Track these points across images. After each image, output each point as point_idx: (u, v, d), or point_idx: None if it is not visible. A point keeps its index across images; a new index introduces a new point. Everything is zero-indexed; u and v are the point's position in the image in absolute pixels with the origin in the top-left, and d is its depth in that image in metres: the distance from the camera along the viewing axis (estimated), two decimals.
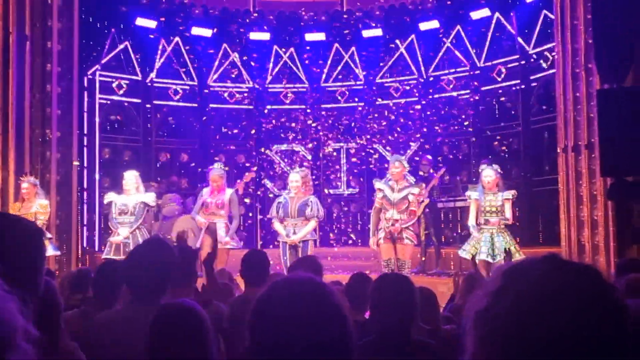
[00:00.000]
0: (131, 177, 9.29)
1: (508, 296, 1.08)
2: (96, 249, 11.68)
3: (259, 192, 13.91)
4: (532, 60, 12.19)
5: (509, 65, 12.64)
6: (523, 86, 12.37)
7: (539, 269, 1.10)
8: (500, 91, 12.88)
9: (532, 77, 12.21)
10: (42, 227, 8.63)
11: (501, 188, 8.72)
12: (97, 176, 12.41)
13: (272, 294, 1.48)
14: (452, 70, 13.49)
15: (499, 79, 12.82)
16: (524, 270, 1.12)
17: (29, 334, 1.06)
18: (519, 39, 12.33)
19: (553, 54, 10.91)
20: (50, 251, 8.98)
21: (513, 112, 12.64)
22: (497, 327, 1.07)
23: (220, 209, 9.18)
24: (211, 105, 14.15)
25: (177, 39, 13.63)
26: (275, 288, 1.49)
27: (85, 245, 11.66)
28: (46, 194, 9.30)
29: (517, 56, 12.45)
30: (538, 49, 11.99)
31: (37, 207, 8.83)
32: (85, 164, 12.12)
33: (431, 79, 13.75)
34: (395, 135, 13.96)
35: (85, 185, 12.07)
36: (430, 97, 13.74)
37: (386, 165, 13.06)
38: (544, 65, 11.83)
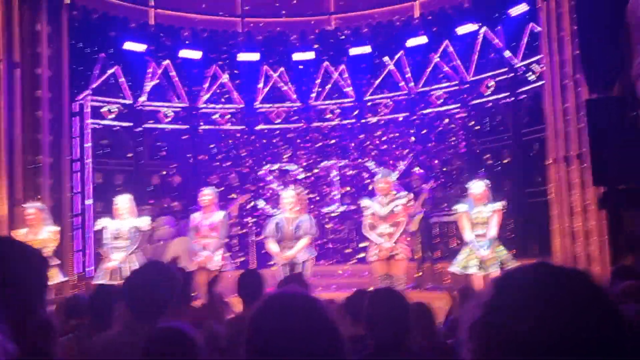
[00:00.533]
0: (124, 201, 9.23)
1: (501, 305, 1.08)
2: (90, 274, 11.60)
3: (252, 218, 13.85)
4: (520, 72, 12.27)
5: (498, 79, 12.73)
6: (512, 99, 12.44)
7: (530, 277, 1.10)
8: (489, 104, 12.95)
9: (520, 90, 12.29)
10: (51, 254, 8.59)
11: (490, 200, 8.72)
12: (89, 201, 12.37)
13: (265, 309, 1.49)
14: (441, 85, 13.57)
15: (488, 93, 12.90)
16: (516, 278, 1.12)
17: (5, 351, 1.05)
18: (507, 52, 12.42)
19: (541, 66, 11.00)
20: (60, 277, 8.96)
21: (503, 125, 12.70)
22: (492, 337, 1.06)
23: (212, 231, 9.12)
24: (202, 127, 14.18)
25: (166, 61, 13.66)
26: (268, 303, 1.50)
27: (79, 271, 11.59)
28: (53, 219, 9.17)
29: (505, 69, 12.54)
30: (526, 62, 12.08)
31: (46, 233, 8.70)
32: (77, 190, 12.07)
33: (420, 94, 13.82)
34: (387, 151, 14.00)
35: (77, 211, 12.01)
36: (420, 112, 13.81)
37: None
38: (532, 77, 11.91)
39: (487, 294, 1.13)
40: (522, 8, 11.74)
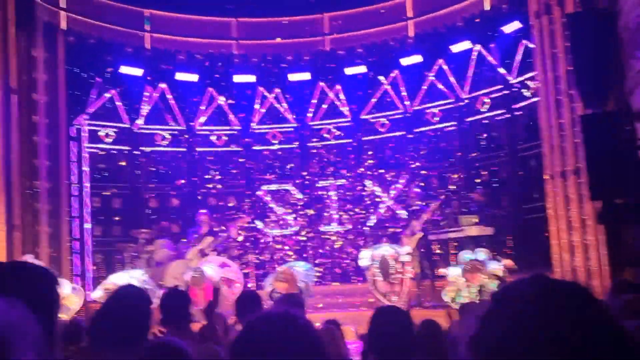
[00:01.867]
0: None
1: (498, 319, 1.09)
2: (90, 298, 11.55)
3: (251, 238, 13.84)
4: (514, 89, 12.33)
5: (493, 96, 12.78)
6: (508, 115, 12.49)
7: (527, 290, 1.11)
8: (485, 121, 12.99)
9: (515, 106, 12.34)
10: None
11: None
12: (88, 225, 12.35)
13: (249, 331, 1.49)
14: (437, 103, 13.62)
15: (484, 110, 12.95)
16: (513, 292, 1.12)
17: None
18: (501, 70, 12.49)
19: (535, 82, 11.06)
20: (80, 301, 9.06)
21: (499, 142, 12.73)
22: (490, 350, 1.07)
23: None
24: (199, 149, 14.19)
25: (163, 85, 13.72)
26: (252, 324, 1.50)
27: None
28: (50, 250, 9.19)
29: (500, 86, 12.60)
30: (520, 78, 12.15)
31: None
32: (76, 214, 12.06)
33: (416, 112, 13.86)
34: (384, 169, 14.03)
35: (77, 235, 11.99)
36: (416, 130, 13.84)
37: (377, 200, 13.16)
38: (527, 93, 11.97)
39: (485, 308, 1.13)
40: (515, 25, 11.82)
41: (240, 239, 13.26)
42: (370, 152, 14.26)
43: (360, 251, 9.40)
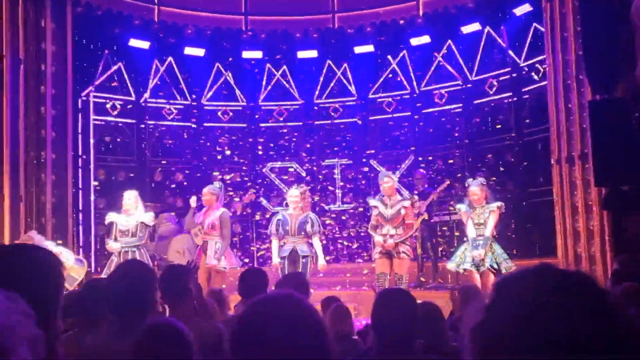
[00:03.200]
0: (131, 197, 9.26)
1: (502, 309, 1.09)
2: (92, 270, 11.63)
3: (257, 215, 13.88)
4: (523, 72, 12.26)
5: (501, 78, 12.71)
6: (515, 99, 12.43)
7: (530, 280, 1.11)
8: (492, 104, 12.94)
9: (524, 90, 12.28)
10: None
11: (490, 200, 8.76)
12: (92, 197, 12.39)
13: (250, 313, 1.48)
14: (444, 84, 13.56)
15: (491, 92, 12.89)
16: (516, 282, 1.12)
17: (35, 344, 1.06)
18: (510, 52, 12.42)
19: (544, 66, 10.99)
20: (84, 272, 9.22)
21: (506, 125, 12.69)
22: (493, 340, 1.07)
23: (212, 229, 9.18)
24: (205, 124, 14.18)
25: (170, 59, 13.67)
26: (253, 307, 1.49)
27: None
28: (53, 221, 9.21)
29: (509, 69, 12.53)
30: (529, 62, 12.07)
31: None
32: (80, 186, 12.10)
33: (423, 93, 13.81)
34: (389, 150, 14.03)
35: (80, 207, 12.04)
36: (422, 111, 13.80)
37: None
38: (536, 77, 11.91)
39: (488, 298, 1.13)
40: (526, 8, 11.72)
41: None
42: (376, 132, 14.24)
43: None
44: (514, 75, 12.44)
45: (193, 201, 9.48)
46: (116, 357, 2.72)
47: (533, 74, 12.01)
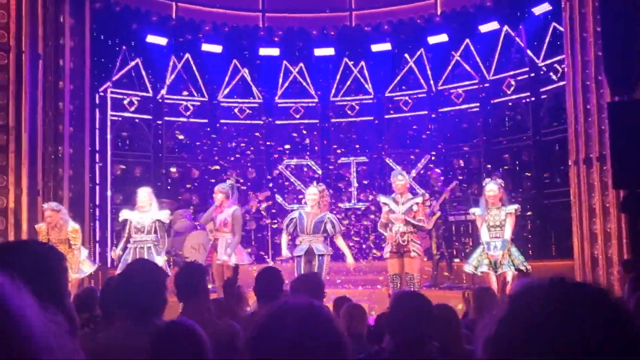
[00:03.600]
0: (145, 194, 9.28)
1: (516, 322, 1.07)
2: (108, 265, 11.70)
3: (273, 210, 13.89)
4: (541, 72, 12.18)
5: (519, 78, 12.64)
6: (533, 99, 12.35)
7: (544, 293, 1.09)
8: (510, 104, 12.87)
9: (542, 90, 12.20)
10: (77, 250, 8.77)
11: (505, 202, 8.69)
12: (109, 193, 12.47)
13: (269, 323, 1.46)
14: (462, 83, 13.50)
15: (509, 92, 12.82)
16: (532, 295, 1.11)
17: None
18: (528, 52, 12.34)
19: (563, 66, 10.91)
20: (92, 267, 9.38)
21: (523, 125, 12.62)
22: (506, 353, 1.06)
23: (224, 227, 9.22)
24: (221, 121, 14.22)
25: (187, 55, 13.72)
26: (272, 316, 1.48)
27: (97, 261, 11.68)
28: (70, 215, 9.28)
29: (527, 69, 12.45)
30: (548, 62, 11.99)
31: (68, 232, 8.80)
32: (97, 181, 12.18)
33: (440, 92, 13.76)
34: (405, 148, 14.00)
35: (97, 202, 12.12)
36: (439, 110, 13.76)
37: None
38: (554, 77, 11.82)
39: (502, 310, 1.12)
40: (545, 7, 11.65)
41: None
42: (392, 130, 14.22)
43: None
44: (532, 75, 12.36)
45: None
46: (129, 355, 2.72)
47: (551, 74, 11.92)
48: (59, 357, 0.97)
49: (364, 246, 13.75)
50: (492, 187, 8.70)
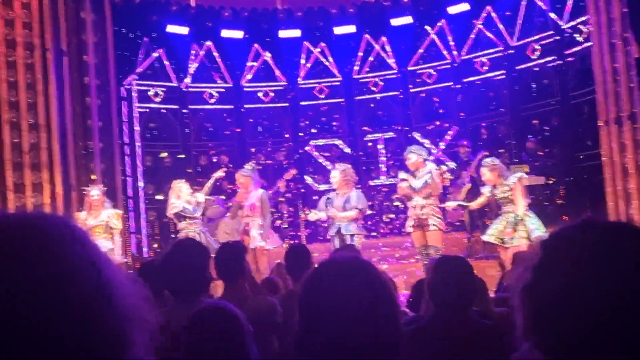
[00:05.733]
0: (184, 187, 9.52)
1: (550, 268, 1.07)
2: (144, 255, 11.88)
3: (302, 190, 13.94)
4: (566, 35, 11.96)
5: (543, 42, 12.43)
6: (559, 62, 12.15)
7: (577, 235, 1.08)
8: (535, 69, 12.68)
9: (567, 52, 11.98)
10: (118, 235, 9.00)
11: (504, 176, 8.48)
12: (141, 184, 12.61)
13: (318, 274, 1.49)
14: (485, 51, 13.34)
15: (534, 57, 12.62)
16: (563, 239, 1.10)
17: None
18: (551, 15, 12.13)
19: (588, 26, 10.72)
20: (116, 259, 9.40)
21: (550, 90, 12.44)
22: (544, 300, 1.05)
23: (253, 211, 9.29)
24: (246, 106, 14.26)
25: (208, 42, 13.76)
26: (321, 268, 1.50)
27: (134, 252, 11.86)
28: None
29: (551, 32, 12.24)
30: (572, 23, 11.77)
31: (109, 215, 8.98)
32: (129, 173, 12.32)
33: (464, 62, 13.62)
34: (432, 121, 13.91)
35: (130, 194, 12.26)
36: (464, 80, 13.62)
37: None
38: (579, 38, 11.61)
39: (535, 257, 1.11)
40: None
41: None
42: (418, 104, 14.13)
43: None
44: (557, 38, 12.15)
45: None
46: (171, 335, 2.77)
47: (576, 35, 11.71)
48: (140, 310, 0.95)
49: (397, 220, 13.72)
50: (483, 171, 8.60)
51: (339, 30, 14.00)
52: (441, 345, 2.92)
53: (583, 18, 11.13)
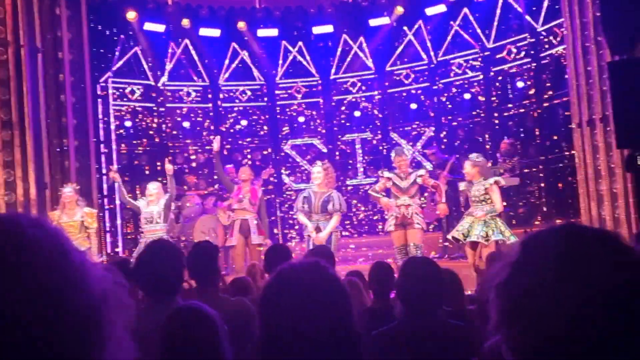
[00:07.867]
0: (155, 188, 9.43)
1: (528, 265, 1.08)
2: (120, 254, 11.79)
3: (284, 192, 13.95)
4: (541, 37, 12.10)
5: (519, 44, 12.57)
6: (534, 64, 12.29)
7: (557, 236, 1.10)
8: (511, 71, 12.81)
9: (542, 55, 12.13)
10: (94, 234, 8.90)
11: (487, 175, 8.60)
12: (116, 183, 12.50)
13: (277, 281, 1.51)
14: (462, 53, 13.44)
15: (510, 59, 12.75)
16: (543, 240, 1.12)
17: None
18: (527, 17, 12.26)
19: (562, 29, 10.84)
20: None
21: (525, 91, 12.57)
22: (518, 296, 1.07)
23: (253, 206, 9.48)
24: (224, 105, 14.22)
25: (185, 41, 13.70)
26: (280, 275, 1.53)
27: (109, 251, 11.78)
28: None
29: (526, 34, 12.38)
30: (547, 26, 11.91)
31: (83, 215, 8.90)
32: (104, 171, 12.22)
33: (440, 63, 13.71)
34: (409, 122, 13.99)
35: (105, 192, 12.17)
36: (441, 81, 13.72)
37: None
38: (554, 41, 11.75)
39: (513, 254, 1.13)
40: None
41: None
42: (395, 105, 14.19)
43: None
44: (532, 40, 12.28)
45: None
46: (145, 335, 2.76)
47: (551, 38, 11.85)
48: (116, 300, 0.96)
49: (375, 219, 13.78)
50: (465, 165, 8.72)
51: (317, 29, 14.03)
52: (409, 347, 2.95)
53: (558, 21, 11.26)
